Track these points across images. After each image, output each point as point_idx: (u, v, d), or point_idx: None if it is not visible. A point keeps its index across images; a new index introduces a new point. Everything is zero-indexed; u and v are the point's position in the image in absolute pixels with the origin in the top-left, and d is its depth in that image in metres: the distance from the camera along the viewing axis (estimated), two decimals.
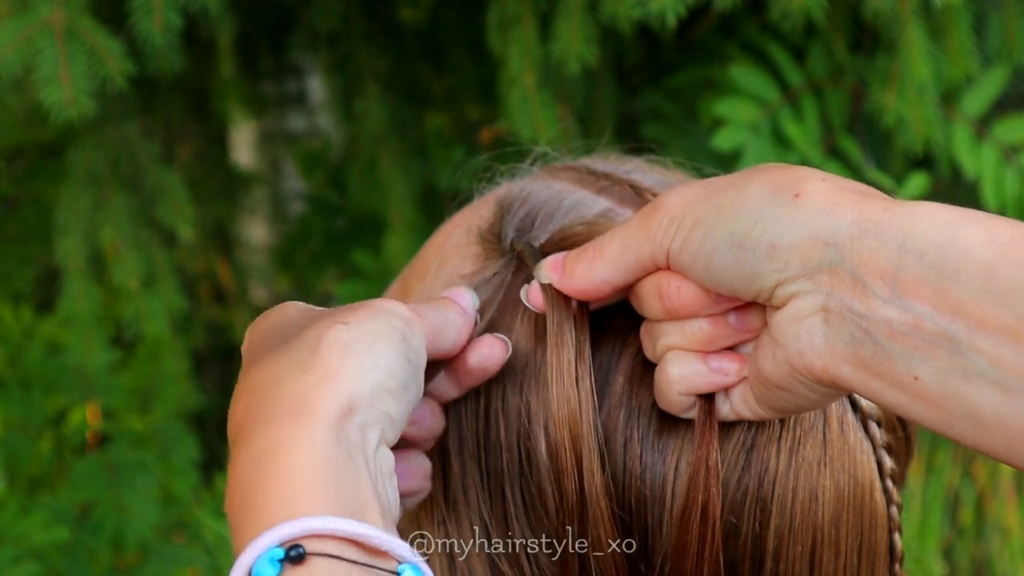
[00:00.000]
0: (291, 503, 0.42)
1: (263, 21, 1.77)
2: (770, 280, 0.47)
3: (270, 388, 0.47)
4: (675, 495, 0.54)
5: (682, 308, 0.51)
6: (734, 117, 1.41)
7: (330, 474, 0.43)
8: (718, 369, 0.52)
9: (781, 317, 0.48)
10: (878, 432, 0.58)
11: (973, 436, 0.44)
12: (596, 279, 0.53)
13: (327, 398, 0.45)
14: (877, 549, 0.58)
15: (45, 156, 1.77)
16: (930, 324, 0.43)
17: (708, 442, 0.53)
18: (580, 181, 0.62)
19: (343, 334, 0.48)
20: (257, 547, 0.41)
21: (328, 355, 0.47)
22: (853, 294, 0.45)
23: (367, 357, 0.48)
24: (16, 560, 1.50)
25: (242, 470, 0.44)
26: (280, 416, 0.45)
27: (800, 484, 0.55)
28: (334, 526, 0.42)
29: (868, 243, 0.45)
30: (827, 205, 0.46)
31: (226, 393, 2.58)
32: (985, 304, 0.42)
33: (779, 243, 0.47)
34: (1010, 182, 1.42)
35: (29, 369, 1.76)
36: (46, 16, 1.22)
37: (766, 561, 0.55)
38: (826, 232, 0.46)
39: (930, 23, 1.35)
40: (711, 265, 0.49)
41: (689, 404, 0.53)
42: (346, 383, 0.46)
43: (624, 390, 0.55)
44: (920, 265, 0.44)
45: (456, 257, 0.62)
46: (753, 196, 0.48)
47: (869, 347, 0.45)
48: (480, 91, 1.72)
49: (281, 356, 0.48)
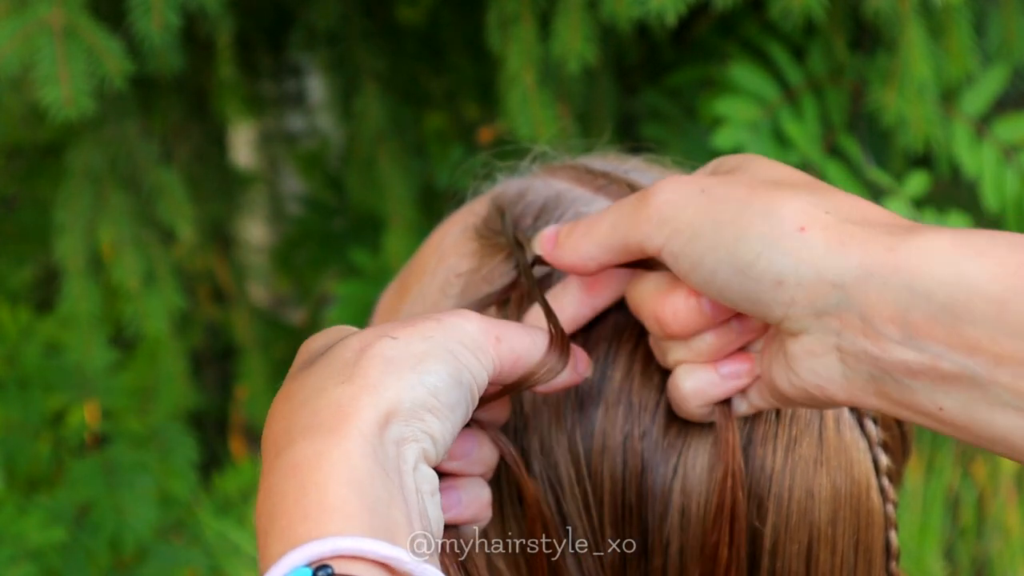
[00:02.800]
0: (321, 521, 0.41)
1: (262, 21, 1.76)
2: (777, 311, 0.47)
3: (308, 397, 0.45)
4: (685, 495, 0.54)
5: (681, 332, 0.51)
6: (734, 116, 1.40)
7: (363, 492, 0.42)
8: (730, 375, 0.52)
9: (795, 349, 0.48)
10: (874, 430, 0.58)
11: (1007, 454, 0.44)
12: (584, 255, 0.52)
13: (364, 410, 0.44)
14: (873, 547, 0.58)
15: (44, 156, 1.77)
16: (947, 363, 0.43)
17: (732, 448, 0.53)
18: (578, 180, 0.62)
19: (388, 349, 0.46)
20: (284, 565, 0.40)
21: (368, 367, 0.46)
22: (865, 336, 0.45)
23: (412, 374, 0.46)
24: (13, 560, 1.50)
25: (274, 482, 0.43)
26: (315, 427, 0.44)
27: (796, 482, 0.55)
28: (364, 547, 0.41)
29: (875, 285, 0.44)
30: (833, 244, 0.45)
31: (225, 393, 2.58)
32: (1000, 339, 0.42)
33: (785, 279, 0.46)
34: (1010, 181, 1.42)
35: (28, 369, 1.75)
36: (45, 15, 1.21)
37: (762, 558, 0.55)
38: (832, 274, 0.45)
39: (930, 22, 1.35)
40: (712, 281, 0.48)
41: (708, 412, 0.53)
42: (384, 395, 0.45)
43: (623, 387, 0.55)
44: (930, 306, 0.43)
45: (453, 255, 0.61)
46: (755, 221, 0.47)
47: (891, 383, 0.45)
48: (479, 91, 1.72)
49: (321, 366, 0.47)
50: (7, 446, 1.69)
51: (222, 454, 2.35)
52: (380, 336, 0.47)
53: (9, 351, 1.78)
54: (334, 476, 0.42)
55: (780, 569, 0.55)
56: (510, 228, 0.59)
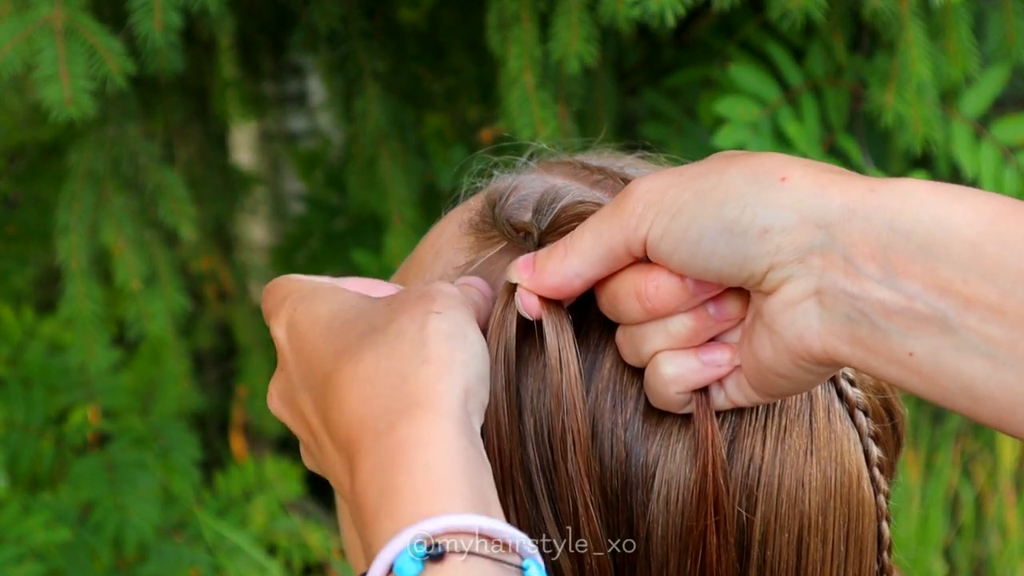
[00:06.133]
0: (431, 499, 0.44)
1: (263, 21, 1.77)
2: (763, 263, 0.48)
3: (394, 380, 0.48)
4: (664, 483, 0.54)
5: (662, 306, 0.51)
6: (734, 116, 1.41)
7: (463, 469, 0.45)
8: (711, 362, 0.52)
9: (775, 304, 0.48)
10: (865, 421, 0.58)
11: (967, 407, 0.45)
12: (568, 273, 0.52)
13: (451, 391, 0.48)
14: (865, 537, 0.58)
15: (45, 156, 1.77)
16: (921, 304, 0.45)
17: (712, 436, 0.53)
18: (574, 175, 0.63)
19: (442, 324, 0.50)
20: (398, 543, 0.43)
21: (438, 346, 0.49)
22: (846, 275, 0.46)
23: (468, 347, 0.50)
24: (18, 559, 1.51)
25: (379, 463, 0.46)
26: (411, 409, 0.47)
27: (787, 472, 0.55)
28: (470, 523, 0.43)
29: (857, 224, 0.46)
30: (815, 187, 0.47)
31: (226, 392, 2.57)
32: (972, 281, 0.44)
33: (771, 227, 0.47)
34: (1009, 182, 1.42)
35: (30, 369, 1.76)
36: (46, 15, 1.22)
37: (753, 548, 0.55)
38: (816, 215, 0.46)
39: (929, 23, 1.35)
40: (697, 252, 0.49)
41: (686, 401, 0.53)
42: (461, 374, 0.48)
43: (612, 375, 0.55)
44: (908, 244, 0.45)
45: (450, 251, 0.62)
46: (736, 182, 0.48)
47: (865, 326, 0.46)
48: (480, 91, 1.72)
49: (389, 346, 0.49)
50: (11, 446, 1.69)
51: (223, 453, 2.35)
52: (425, 311, 0.50)
53: (12, 351, 1.78)
54: (438, 455, 0.45)
55: (771, 559, 0.55)
56: (503, 219, 0.59)
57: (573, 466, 0.53)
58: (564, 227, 0.55)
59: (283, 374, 0.55)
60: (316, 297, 0.55)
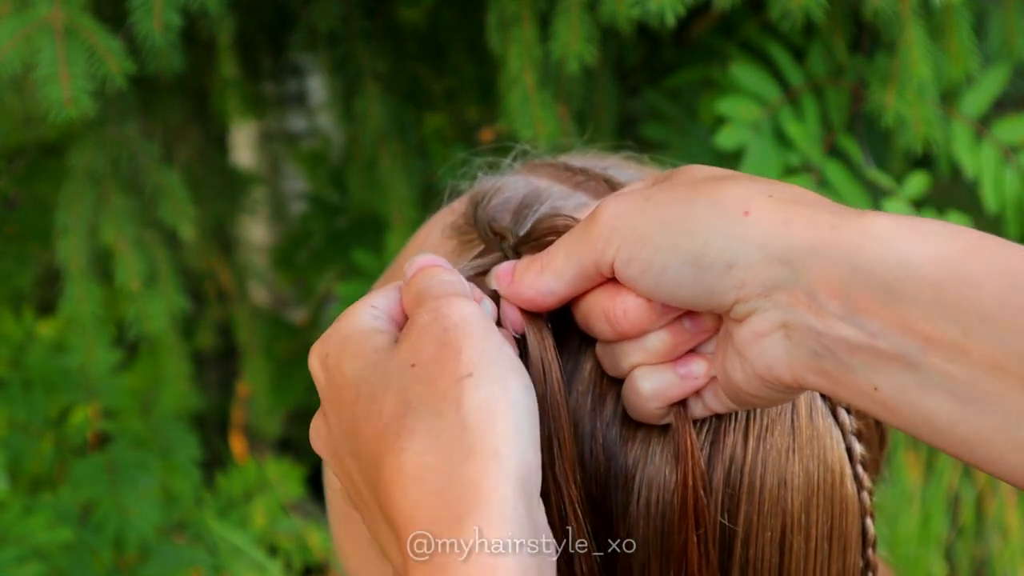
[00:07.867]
0: None
1: (263, 21, 1.77)
2: (729, 297, 0.48)
3: (440, 482, 0.45)
4: (645, 484, 0.54)
5: (631, 329, 0.52)
6: (735, 116, 1.41)
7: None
8: (688, 375, 0.53)
9: (744, 334, 0.49)
10: (847, 419, 0.59)
11: (930, 440, 0.46)
12: (543, 289, 0.53)
13: (500, 487, 0.44)
14: (849, 534, 0.58)
15: (45, 156, 1.77)
16: (884, 343, 0.45)
17: (691, 448, 0.53)
18: (557, 176, 0.63)
19: (479, 392, 0.46)
20: None
21: (481, 428, 0.45)
22: (810, 311, 0.46)
23: (512, 413, 0.46)
24: (20, 560, 1.51)
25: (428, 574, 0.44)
26: (461, 519, 0.44)
27: (769, 470, 0.55)
28: None
29: (820, 261, 0.46)
30: (778, 223, 0.47)
31: (226, 393, 2.57)
32: (934, 321, 0.44)
33: (735, 262, 0.47)
34: (1009, 182, 1.42)
35: (31, 370, 1.76)
36: (45, 15, 1.22)
37: (735, 547, 0.55)
38: (780, 251, 0.46)
39: (930, 23, 1.35)
40: (662, 281, 0.49)
41: (664, 413, 0.54)
42: (509, 457, 0.45)
43: (592, 377, 0.56)
44: (870, 283, 0.45)
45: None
46: (701, 213, 0.48)
47: (831, 360, 0.46)
48: (480, 91, 1.72)
49: (428, 438, 0.46)
50: (11, 446, 1.69)
51: (224, 454, 2.35)
52: (458, 379, 0.47)
53: (13, 353, 1.78)
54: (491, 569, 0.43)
55: (753, 557, 0.55)
56: (484, 222, 0.59)
57: (560, 471, 0.53)
58: (537, 239, 0.56)
59: (325, 421, 0.52)
60: (345, 350, 0.51)
